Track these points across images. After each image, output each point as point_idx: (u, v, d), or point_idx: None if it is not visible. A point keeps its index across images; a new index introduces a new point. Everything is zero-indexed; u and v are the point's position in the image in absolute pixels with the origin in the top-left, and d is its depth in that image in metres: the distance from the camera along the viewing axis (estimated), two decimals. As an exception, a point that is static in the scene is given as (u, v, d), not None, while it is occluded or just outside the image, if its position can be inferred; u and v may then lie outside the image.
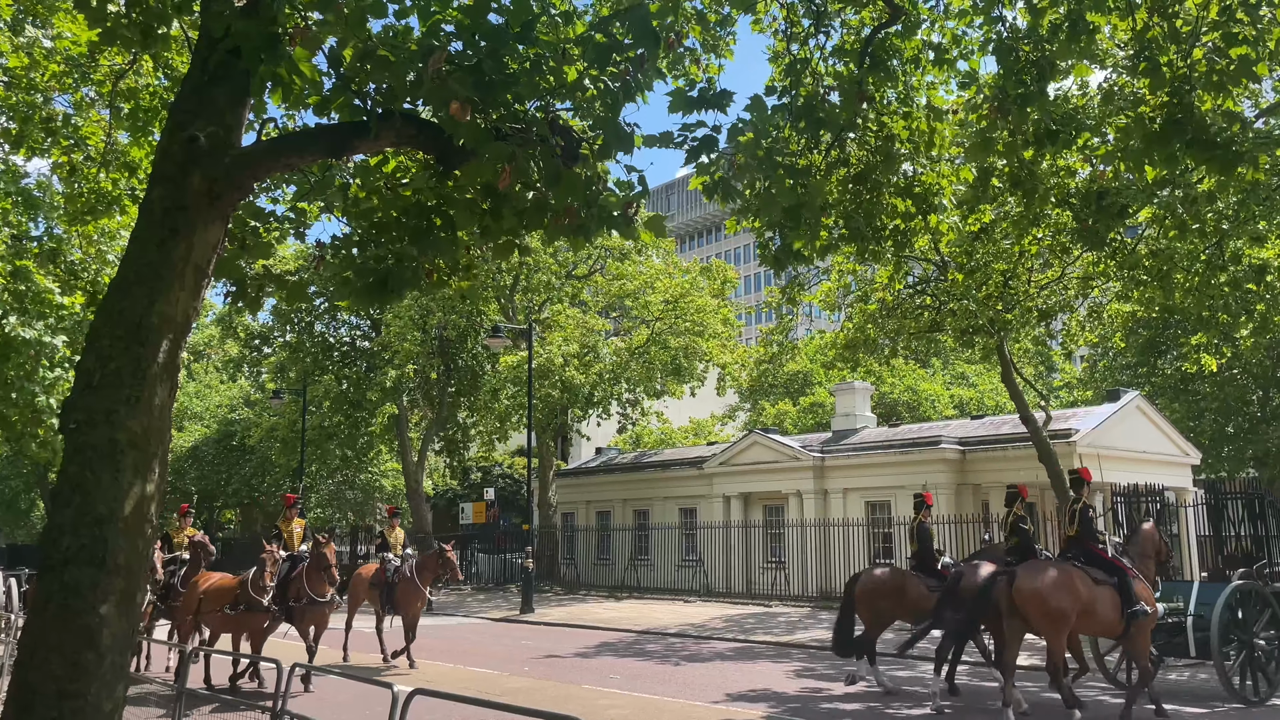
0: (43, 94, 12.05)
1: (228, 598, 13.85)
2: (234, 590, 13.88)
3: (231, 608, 13.67)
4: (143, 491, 4.99)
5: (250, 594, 13.56)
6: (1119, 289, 20.75)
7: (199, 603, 14.22)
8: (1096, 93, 12.00)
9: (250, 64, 5.26)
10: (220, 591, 14.10)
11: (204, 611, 14.13)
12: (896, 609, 13.87)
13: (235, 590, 13.86)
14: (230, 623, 13.94)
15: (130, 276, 5.19)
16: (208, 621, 14.42)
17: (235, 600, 13.71)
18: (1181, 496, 27.95)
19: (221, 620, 14.00)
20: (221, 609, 13.81)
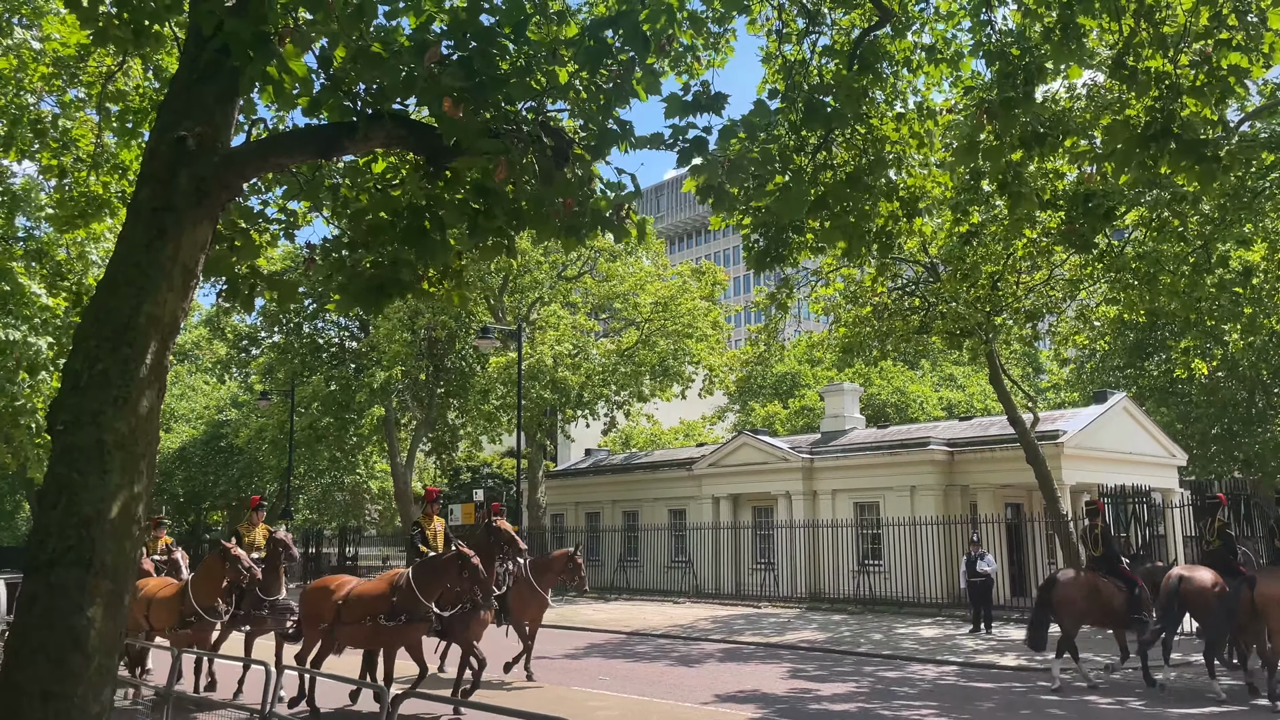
0: (32, 96, 12.00)
1: (380, 606, 11.85)
2: (388, 597, 11.89)
3: (389, 617, 11.68)
4: (130, 493, 4.97)
5: (411, 601, 11.69)
6: (1106, 291, 20.85)
7: (337, 611, 12.14)
8: (1082, 94, 12.07)
9: (239, 62, 5.25)
10: (368, 599, 12.06)
11: (345, 622, 12.04)
12: (1091, 609, 14.34)
13: (390, 597, 11.86)
14: (386, 635, 11.91)
15: (118, 277, 5.17)
16: (352, 635, 12.29)
17: (392, 610, 11.73)
18: (1168, 497, 28.11)
19: (373, 633, 11.96)
20: (375, 619, 11.76)
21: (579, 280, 39.70)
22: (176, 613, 13.18)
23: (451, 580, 11.72)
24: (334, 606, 12.16)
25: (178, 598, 13.27)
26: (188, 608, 13.07)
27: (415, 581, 11.72)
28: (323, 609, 12.35)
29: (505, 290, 38.09)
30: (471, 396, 37.39)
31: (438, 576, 11.78)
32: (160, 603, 13.54)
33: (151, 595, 13.73)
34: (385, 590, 11.97)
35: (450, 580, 11.73)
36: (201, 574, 13.45)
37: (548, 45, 5.81)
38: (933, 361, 52.02)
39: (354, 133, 5.64)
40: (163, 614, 13.45)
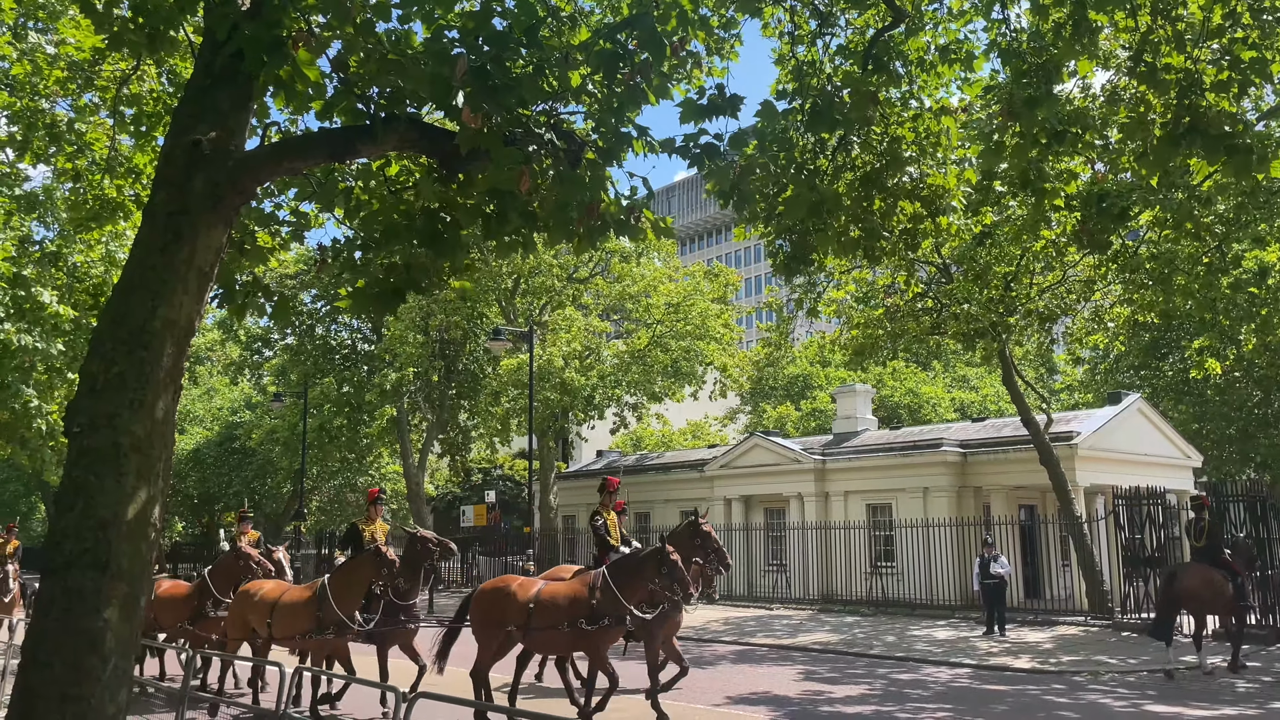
0: (46, 100, 12.08)
1: (580, 609, 11.10)
2: (588, 599, 11.12)
3: (591, 621, 11.00)
4: (146, 496, 4.99)
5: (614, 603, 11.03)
6: (1120, 292, 20.76)
7: (527, 615, 11.34)
8: (1099, 94, 12.02)
9: (253, 67, 5.27)
10: (567, 602, 11.27)
11: (538, 627, 11.27)
12: (1215, 600, 14.88)
13: (590, 599, 11.11)
14: (589, 640, 11.18)
15: (134, 281, 5.19)
16: (548, 641, 11.59)
17: (594, 612, 11.06)
18: (1183, 499, 27.94)
19: (574, 638, 11.24)
20: (575, 623, 11.04)
21: (590, 282, 39.73)
22: (312, 618, 11.62)
23: (651, 579, 11.10)
24: (522, 610, 11.36)
25: (314, 602, 11.72)
26: (328, 614, 11.48)
27: (615, 581, 11.15)
28: (507, 613, 11.49)
29: (517, 292, 38.14)
30: (483, 398, 37.43)
31: (638, 576, 11.19)
32: (288, 608, 12.02)
33: (273, 599, 12.28)
34: (584, 592, 11.25)
35: (650, 579, 11.11)
36: (345, 575, 11.94)
37: (560, 49, 5.81)
38: (945, 363, 51.87)
39: (368, 136, 5.65)
40: (293, 620, 11.93)
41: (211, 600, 13.74)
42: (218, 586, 13.84)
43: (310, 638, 11.83)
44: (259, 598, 12.53)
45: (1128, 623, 20.75)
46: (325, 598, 11.66)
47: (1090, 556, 23.36)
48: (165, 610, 14.18)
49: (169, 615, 14.22)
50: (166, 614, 14.23)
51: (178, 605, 14.17)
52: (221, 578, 13.96)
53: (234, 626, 13.11)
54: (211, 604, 13.73)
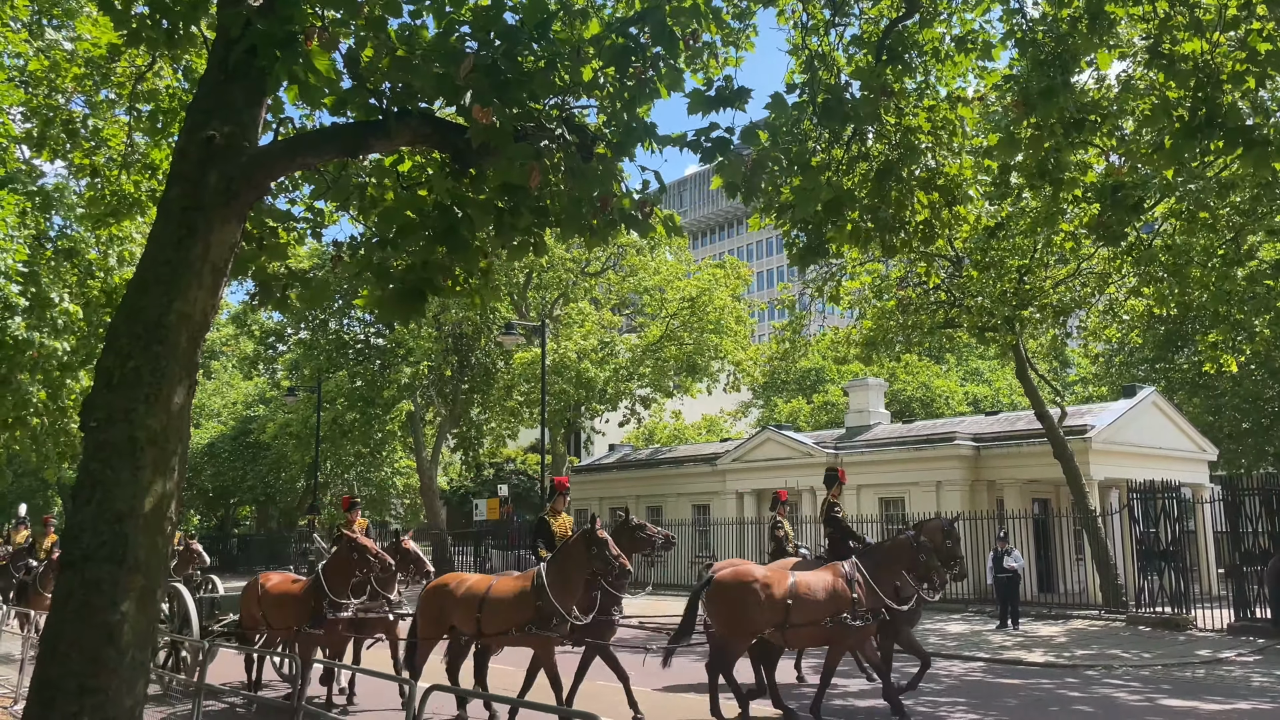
0: (63, 96, 12.16)
1: (843, 604, 10.84)
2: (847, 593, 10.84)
3: (855, 614, 10.83)
4: (162, 489, 5.03)
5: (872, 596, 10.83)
6: (1135, 285, 20.65)
7: (785, 610, 10.92)
8: (1115, 84, 11.96)
9: (266, 63, 5.29)
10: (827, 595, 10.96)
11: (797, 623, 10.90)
12: None
13: (851, 593, 10.85)
14: (855, 635, 11.07)
15: (148, 276, 5.23)
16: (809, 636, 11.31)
17: (856, 606, 10.86)
18: (1198, 493, 27.81)
19: (837, 633, 11.02)
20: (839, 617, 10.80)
21: (602, 276, 39.75)
22: (532, 609, 10.84)
23: (906, 569, 10.95)
24: (780, 605, 10.94)
25: (530, 595, 10.91)
26: (547, 607, 10.71)
27: (869, 573, 10.92)
28: (768, 610, 11.03)
29: (529, 286, 38.19)
30: (495, 392, 37.52)
31: (893, 565, 11.02)
32: (499, 603, 11.17)
33: (481, 593, 11.32)
34: (843, 585, 10.89)
35: (905, 569, 10.95)
36: (562, 566, 11.05)
37: (572, 43, 5.81)
38: (958, 356, 51.70)
39: (381, 131, 5.67)
40: (506, 614, 11.11)
41: (328, 601, 12.13)
42: (335, 584, 12.22)
43: (531, 631, 10.82)
44: (464, 591, 11.48)
45: (1142, 616, 20.68)
46: (543, 588, 10.81)
47: (1104, 550, 23.27)
48: (276, 609, 12.77)
49: (280, 615, 12.73)
50: (277, 613, 12.77)
51: (291, 605, 12.59)
52: (339, 574, 12.28)
53: (430, 624, 11.71)
54: (329, 605, 12.13)
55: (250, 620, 13.28)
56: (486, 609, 11.10)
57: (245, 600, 13.47)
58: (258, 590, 13.04)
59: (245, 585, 13.80)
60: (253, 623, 13.20)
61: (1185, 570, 21.59)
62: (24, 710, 4.87)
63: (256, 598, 12.99)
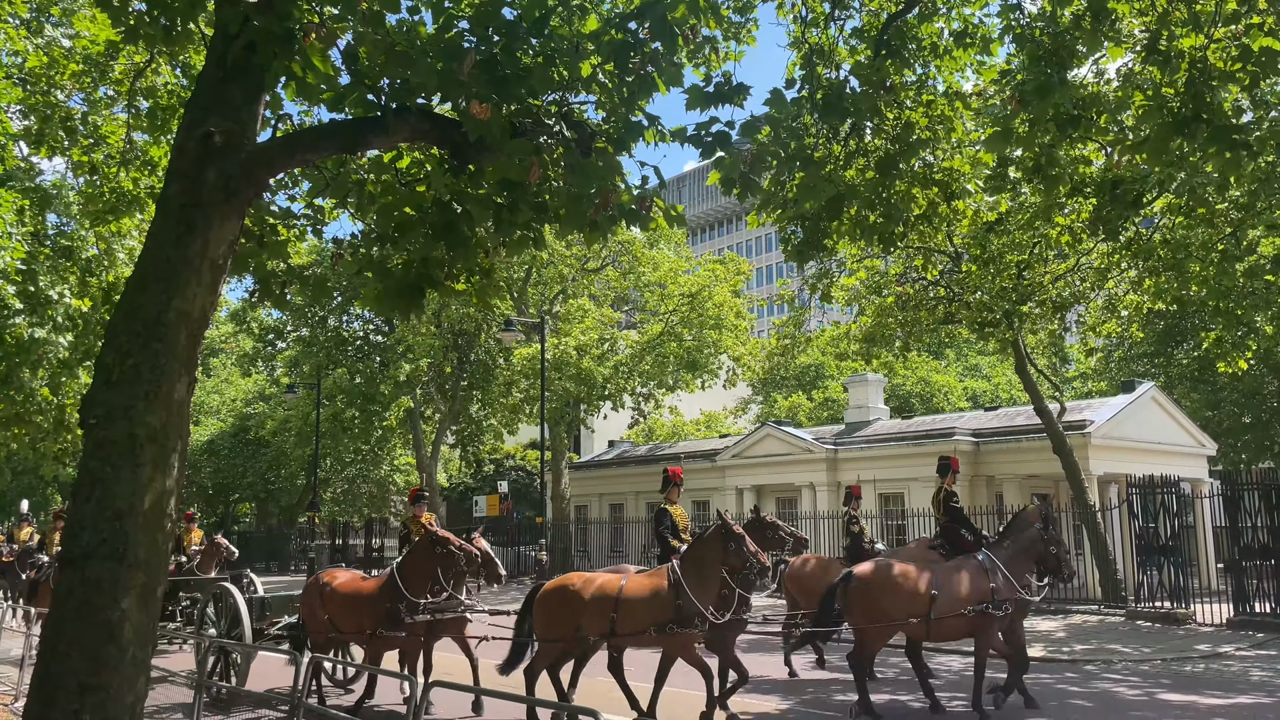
0: (62, 93, 12.15)
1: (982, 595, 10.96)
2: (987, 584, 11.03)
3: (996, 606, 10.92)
4: (162, 486, 5.03)
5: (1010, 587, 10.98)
6: (1134, 280, 20.65)
7: (930, 603, 10.94)
8: (1114, 79, 11.96)
9: (265, 60, 5.29)
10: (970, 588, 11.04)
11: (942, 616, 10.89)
12: None
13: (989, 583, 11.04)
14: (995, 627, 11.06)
15: (147, 273, 5.23)
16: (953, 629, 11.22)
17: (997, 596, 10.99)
18: (1197, 488, 27.84)
19: (979, 623, 11.00)
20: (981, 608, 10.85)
21: (602, 272, 39.75)
22: (671, 608, 10.44)
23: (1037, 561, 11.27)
24: (925, 599, 11.00)
25: (669, 593, 10.51)
26: (688, 606, 10.37)
27: (1008, 565, 11.10)
28: (912, 601, 11.09)
29: (529, 282, 38.17)
30: (495, 389, 37.53)
31: (1025, 557, 11.28)
32: (637, 603, 10.68)
33: (614, 594, 10.80)
34: (984, 577, 11.04)
35: (1035, 561, 11.25)
36: (698, 563, 10.60)
37: (570, 38, 5.81)
38: (957, 352, 51.73)
39: (379, 128, 5.66)
40: (644, 614, 10.62)
41: (406, 602, 11.19)
42: (413, 583, 11.30)
43: (672, 631, 10.42)
44: (595, 591, 10.93)
45: (1141, 611, 20.71)
46: (682, 586, 10.45)
47: (1104, 545, 23.29)
48: (345, 611, 11.74)
49: (350, 618, 11.68)
50: (347, 616, 11.73)
51: (364, 606, 11.58)
52: (418, 572, 11.40)
53: (554, 626, 11.05)
54: (406, 606, 11.18)
55: (315, 623, 12.09)
56: (622, 609, 10.62)
57: (307, 601, 12.36)
58: (322, 590, 11.93)
59: (306, 585, 12.66)
60: (318, 625, 11.99)
61: (1184, 565, 21.62)
62: (25, 707, 4.88)
63: (321, 598, 11.89)
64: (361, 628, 11.47)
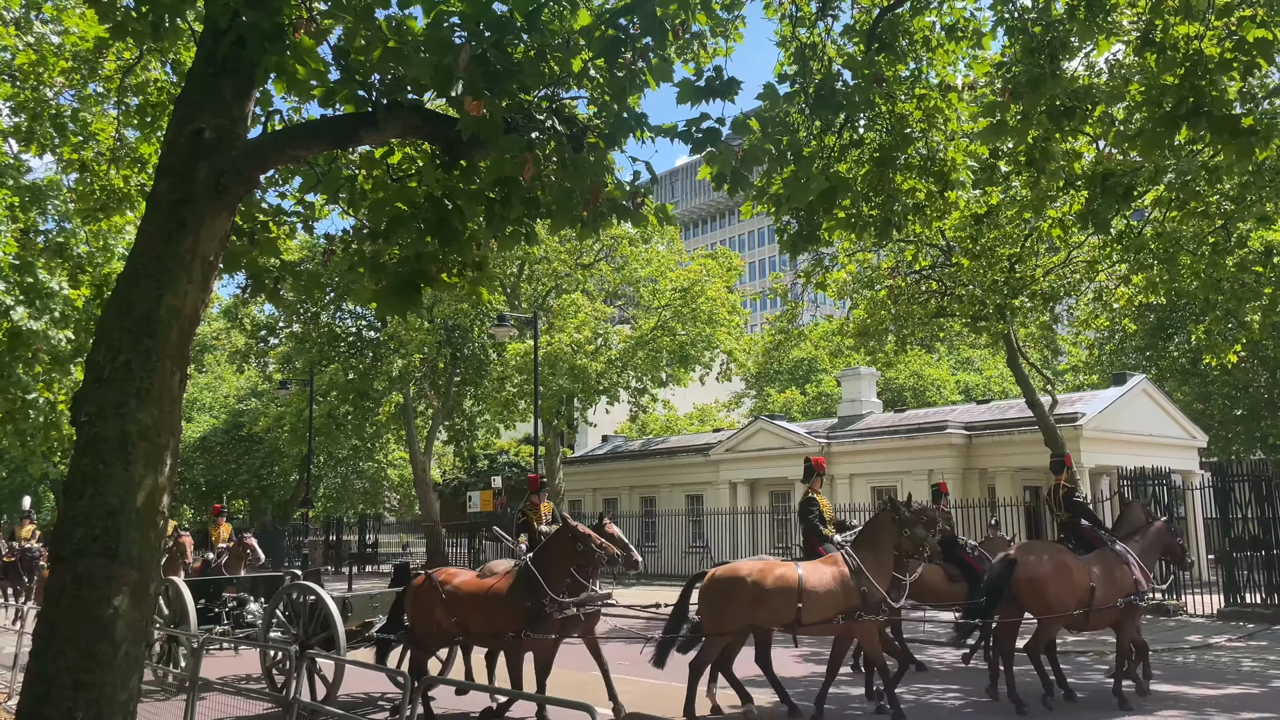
0: (51, 90, 12.10)
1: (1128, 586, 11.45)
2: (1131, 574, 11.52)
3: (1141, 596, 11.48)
4: (154, 483, 5.03)
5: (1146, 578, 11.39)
6: (1125, 273, 20.72)
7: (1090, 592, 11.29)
8: (1104, 70, 11.98)
9: (255, 55, 5.28)
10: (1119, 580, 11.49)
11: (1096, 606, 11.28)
12: None
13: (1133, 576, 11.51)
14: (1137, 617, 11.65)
15: (138, 270, 5.22)
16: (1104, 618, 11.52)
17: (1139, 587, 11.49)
18: (1188, 479, 27.96)
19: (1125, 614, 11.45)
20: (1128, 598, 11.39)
21: (594, 268, 39.72)
22: (857, 595, 10.43)
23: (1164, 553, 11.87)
24: (1088, 590, 11.24)
25: (854, 580, 10.49)
26: (872, 593, 10.40)
27: (1141, 556, 11.53)
28: (1078, 591, 11.28)
29: (521, 278, 38.14)
30: (488, 384, 37.52)
31: (1155, 550, 11.83)
32: (823, 591, 10.55)
33: (796, 582, 10.63)
34: (1126, 569, 11.44)
35: (1163, 553, 11.81)
36: (874, 547, 10.71)
37: (562, 33, 5.81)
38: (949, 345, 51.83)
39: (370, 123, 5.66)
40: (831, 602, 10.54)
41: (549, 599, 10.44)
42: (553, 579, 10.56)
43: (859, 618, 10.43)
44: (775, 580, 10.70)
45: (1133, 603, 20.78)
46: (863, 572, 10.47)
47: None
48: (478, 611, 10.87)
49: (483, 619, 10.87)
50: (480, 617, 10.86)
51: (499, 605, 10.73)
52: (557, 567, 10.65)
53: (730, 616, 10.83)
54: (550, 604, 10.45)
55: (427, 626, 11.25)
56: (807, 598, 10.47)
57: (419, 602, 11.30)
58: (440, 590, 11.04)
59: (413, 585, 11.57)
60: (433, 628, 11.18)
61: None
62: (17, 706, 4.87)
63: (441, 599, 11.00)
64: (499, 629, 10.67)
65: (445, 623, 10.99)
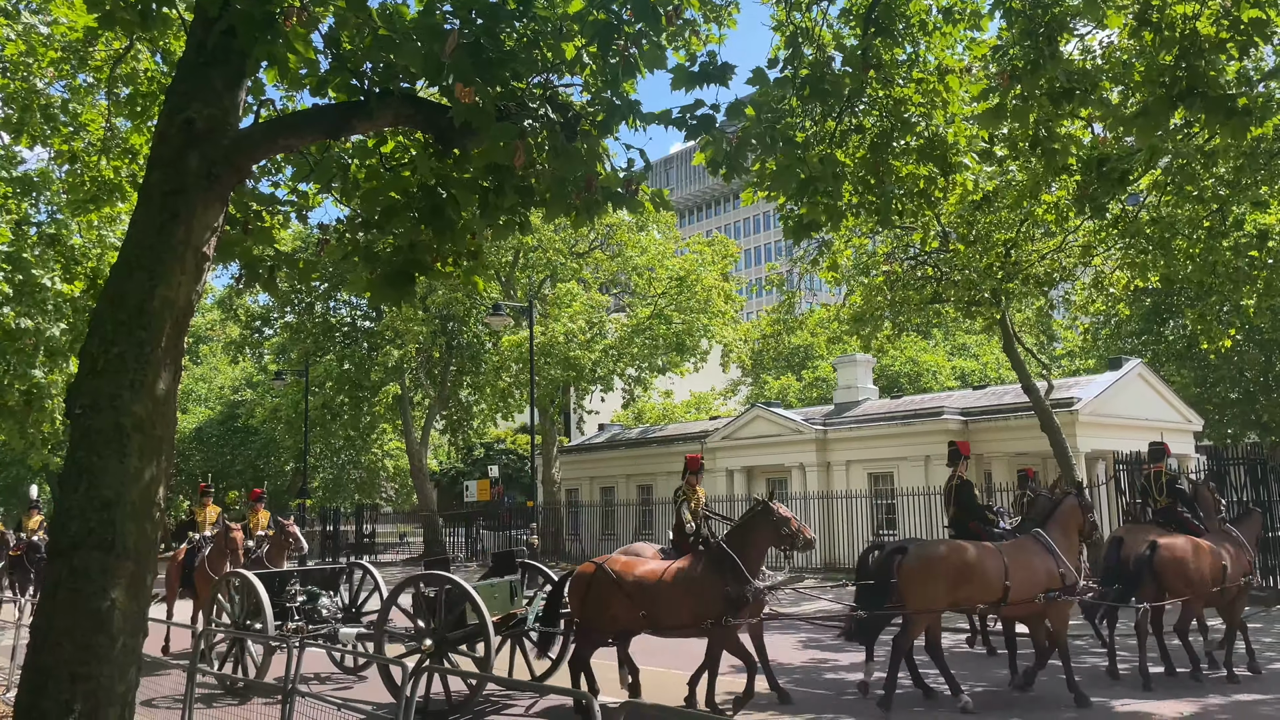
0: (41, 81, 12.02)
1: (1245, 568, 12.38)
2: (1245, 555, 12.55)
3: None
4: (150, 475, 5.01)
5: None
6: (1120, 257, 20.72)
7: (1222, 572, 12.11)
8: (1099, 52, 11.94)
9: (246, 45, 5.24)
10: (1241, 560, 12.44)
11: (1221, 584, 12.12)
12: None
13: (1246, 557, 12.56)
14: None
15: (131, 261, 5.19)
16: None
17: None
18: (1184, 463, 28.04)
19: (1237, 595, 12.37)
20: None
21: (590, 256, 39.66)
22: (1056, 576, 11.00)
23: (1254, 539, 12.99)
24: (1220, 571, 12.06)
25: (1053, 564, 11.05)
26: (1070, 575, 11.06)
27: (1236, 544, 12.26)
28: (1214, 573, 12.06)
29: (517, 267, 38.08)
30: (485, 374, 37.51)
31: (1251, 535, 12.67)
32: (1025, 573, 10.99)
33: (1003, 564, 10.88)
34: (1235, 551, 12.23)
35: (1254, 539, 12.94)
36: (1064, 530, 11.46)
37: (554, 20, 5.78)
38: (945, 331, 51.85)
39: (363, 112, 5.63)
40: (1034, 583, 10.97)
41: (749, 586, 10.19)
42: (751, 561, 10.35)
43: (1058, 598, 10.93)
44: (983, 560, 10.96)
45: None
46: (1059, 555, 11.08)
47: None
48: (669, 599, 10.39)
49: (676, 607, 10.39)
50: (672, 605, 10.39)
51: (696, 591, 10.28)
52: (754, 548, 10.49)
53: (936, 595, 10.90)
54: (751, 590, 10.22)
55: (604, 618, 10.74)
56: (1015, 578, 10.85)
57: (594, 590, 10.72)
58: (618, 578, 10.53)
59: (582, 575, 11.00)
60: (608, 621, 10.74)
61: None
62: (15, 698, 4.86)
63: (619, 587, 10.50)
64: (697, 617, 10.23)
65: (627, 615, 10.48)
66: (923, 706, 11.19)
